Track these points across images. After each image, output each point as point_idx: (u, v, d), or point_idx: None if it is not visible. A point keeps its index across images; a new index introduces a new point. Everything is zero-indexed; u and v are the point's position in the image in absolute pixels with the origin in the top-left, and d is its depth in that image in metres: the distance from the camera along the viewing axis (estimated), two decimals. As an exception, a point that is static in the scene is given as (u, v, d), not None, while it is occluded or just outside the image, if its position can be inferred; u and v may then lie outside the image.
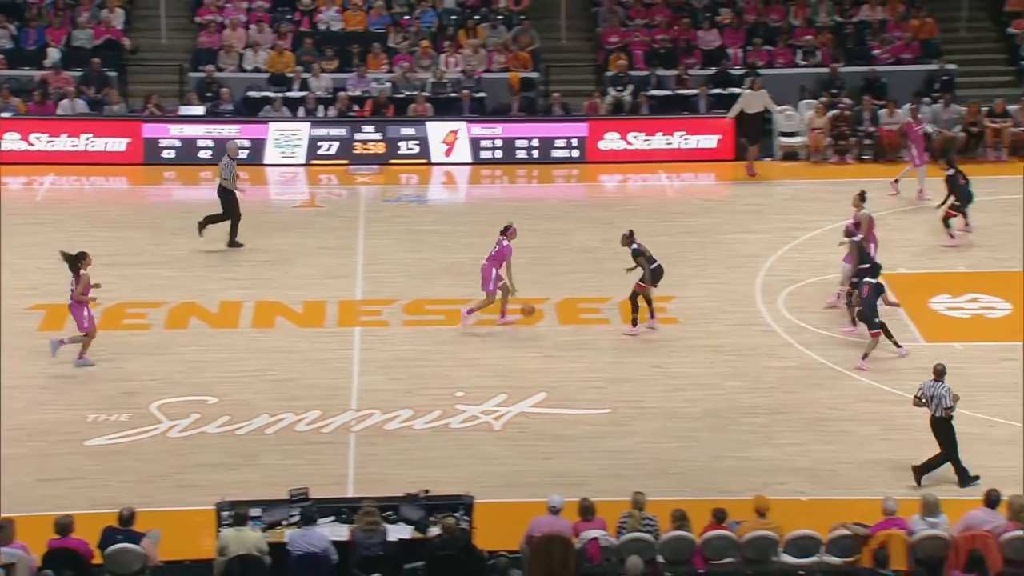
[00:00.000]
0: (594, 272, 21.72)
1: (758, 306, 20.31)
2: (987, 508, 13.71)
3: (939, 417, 15.60)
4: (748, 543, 13.70)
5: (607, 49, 28.92)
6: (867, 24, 29.05)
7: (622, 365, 18.75)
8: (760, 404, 17.62)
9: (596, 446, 16.83)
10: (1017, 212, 22.92)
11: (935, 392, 15.58)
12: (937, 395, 15.56)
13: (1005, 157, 25.75)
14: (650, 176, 26.08)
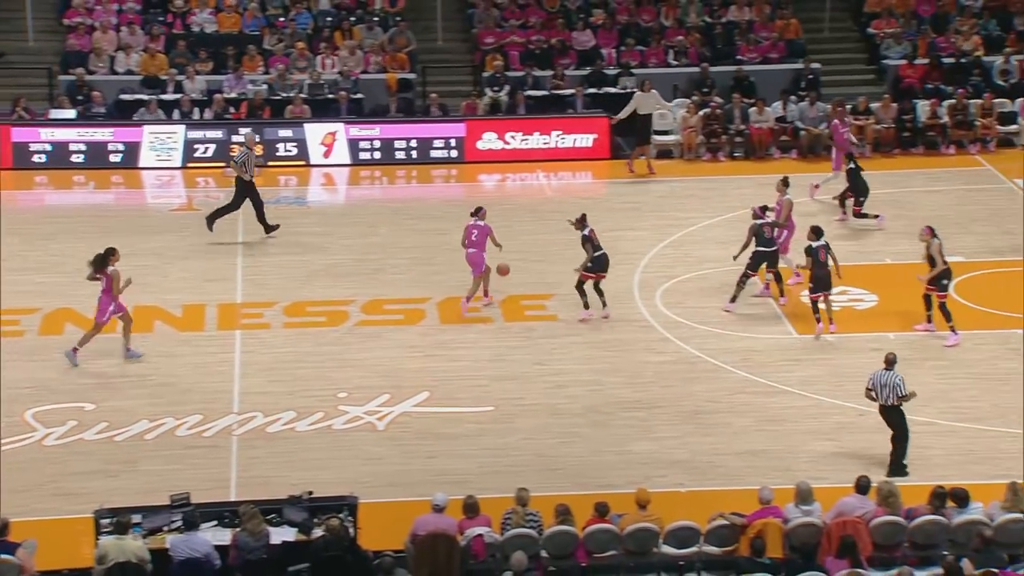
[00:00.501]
0: (474, 271, 21.70)
1: (636, 302, 20.51)
2: (858, 494, 14.01)
3: (890, 406, 15.79)
4: (630, 536, 13.84)
5: (483, 50, 28.98)
6: (735, 25, 29.53)
7: (504, 363, 18.80)
8: (639, 399, 17.80)
9: (479, 444, 16.85)
10: (881, 208, 23.45)
11: (887, 381, 15.76)
12: (889, 383, 15.73)
13: (868, 153, 26.33)
14: (528, 175, 26.19)
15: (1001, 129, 26.69)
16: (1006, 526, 13.58)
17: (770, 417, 17.26)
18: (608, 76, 28.20)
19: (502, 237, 22.42)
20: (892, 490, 13.91)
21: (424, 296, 20.76)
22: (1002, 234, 22.49)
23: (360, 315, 20.23)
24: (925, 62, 28.35)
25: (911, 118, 26.70)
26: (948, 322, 18.88)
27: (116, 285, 18.36)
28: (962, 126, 26.56)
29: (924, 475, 15.59)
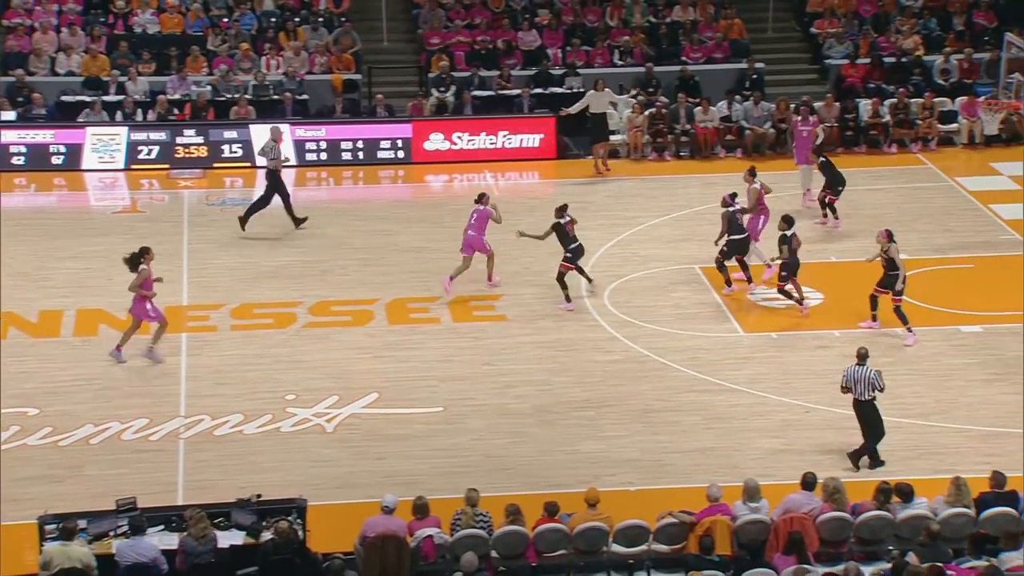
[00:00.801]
0: (423, 272, 21.69)
1: (584, 302, 20.54)
2: (804, 491, 14.11)
3: (865, 400, 15.91)
4: (579, 535, 13.86)
5: (429, 50, 28.92)
6: (680, 25, 29.67)
7: (453, 363, 18.77)
8: (588, 398, 17.84)
9: (429, 444, 16.81)
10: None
11: (860, 376, 15.88)
12: (863, 378, 15.85)
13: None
14: (475, 176, 26.17)
15: (942, 128, 26.96)
16: (950, 520, 13.73)
17: (718, 415, 17.35)
18: (554, 76, 28.25)
19: (448, 238, 22.45)
20: (838, 486, 14.02)
21: (372, 297, 20.69)
22: (944, 232, 22.74)
23: (308, 317, 20.13)
24: (867, 61, 28.62)
25: (853, 117, 26.93)
26: (905, 324, 18.98)
27: (136, 282, 18.35)
28: (903, 125, 26.83)
29: (871, 471, 15.73)
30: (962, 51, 28.50)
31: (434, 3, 29.63)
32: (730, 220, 20.23)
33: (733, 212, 20.32)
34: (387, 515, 13.74)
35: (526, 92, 27.60)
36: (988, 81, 27.19)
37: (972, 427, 16.67)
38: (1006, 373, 18.16)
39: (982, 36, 29.03)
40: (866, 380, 15.81)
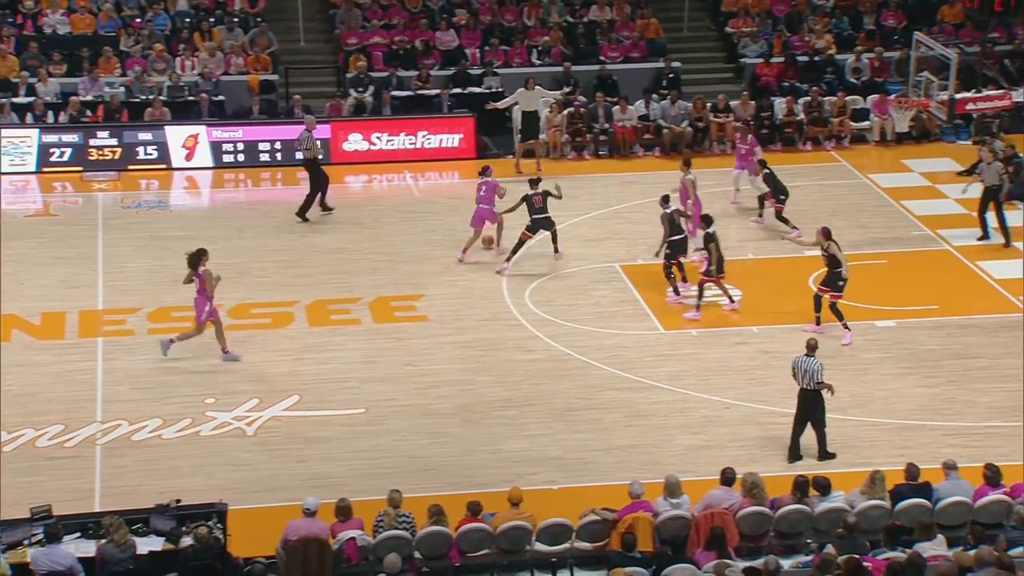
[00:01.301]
0: (343, 273, 21.59)
1: (505, 301, 20.57)
2: (724, 486, 14.24)
3: (810, 390, 16.05)
4: (502, 534, 13.87)
5: (346, 51, 28.77)
6: (597, 24, 29.80)
7: (374, 364, 18.70)
8: (510, 397, 17.86)
9: (351, 446, 16.73)
10: (744, 203, 23.88)
11: (808, 366, 16.03)
12: (810, 369, 16.01)
13: (730, 150, 26.79)
14: (395, 176, 26.08)
15: (854, 126, 27.35)
16: (866, 512, 13.93)
17: (639, 412, 17.46)
18: (472, 76, 28.25)
19: (368, 239, 22.40)
20: (756, 481, 14.15)
21: (292, 299, 20.54)
22: (858, 228, 23.06)
23: (227, 319, 19.90)
24: (781, 60, 28.96)
25: (769, 115, 27.22)
26: (841, 321, 19.21)
27: (209, 284, 18.27)
28: (817, 123, 27.18)
29: (787, 465, 15.91)
30: (873, 50, 28.95)
31: (351, 3, 29.49)
32: (670, 221, 20.34)
33: (670, 213, 20.42)
34: (309, 518, 13.65)
35: (445, 92, 27.57)
36: (898, 79, 27.62)
37: (887, 420, 16.92)
38: (919, 367, 18.47)
39: (892, 35, 29.50)
40: (811, 372, 16.02)
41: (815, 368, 16.02)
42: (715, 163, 26.33)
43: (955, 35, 28.53)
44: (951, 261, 21.89)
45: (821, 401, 16.13)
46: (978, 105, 21.51)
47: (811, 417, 16.18)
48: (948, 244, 22.43)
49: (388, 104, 27.36)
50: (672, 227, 20.34)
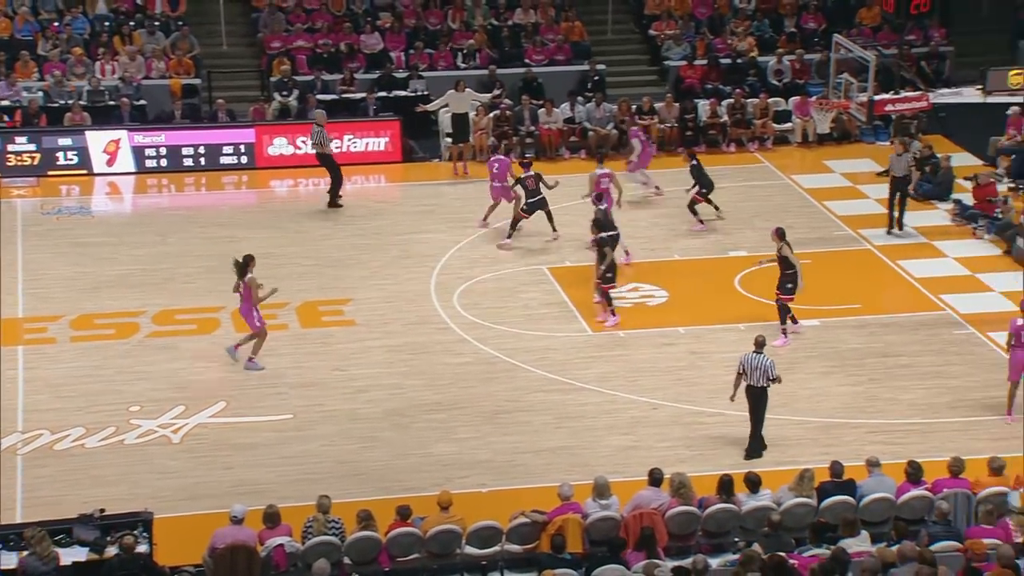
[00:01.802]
0: (269, 278, 21.26)
1: (434, 304, 20.55)
2: (652, 487, 14.32)
3: (760, 387, 16.18)
4: (432, 538, 13.85)
5: (270, 54, 28.58)
6: (521, 27, 29.87)
7: (302, 369, 18.59)
8: (439, 401, 17.84)
9: (279, 452, 16.62)
10: (669, 204, 24.06)
11: (757, 363, 16.17)
12: (761, 366, 16.15)
13: (654, 152, 26.95)
14: (321, 180, 25.93)
15: (777, 127, 27.65)
16: (792, 510, 14.08)
17: (568, 414, 17.51)
18: (398, 79, 28.18)
19: (295, 243, 22.30)
20: (683, 481, 14.25)
21: (218, 305, 20.35)
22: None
23: (151, 326, 19.72)
24: (704, 63, 29.21)
25: (693, 117, 27.44)
26: (782, 324, 19.37)
27: (255, 294, 18.12)
28: (741, 125, 27.44)
29: (716, 464, 16.05)
30: (794, 52, 29.28)
31: (274, 7, 29.30)
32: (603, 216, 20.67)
33: (604, 210, 20.70)
34: (236, 525, 13.54)
35: (370, 95, 27.47)
36: (819, 81, 27.95)
37: (812, 419, 17.12)
38: (842, 365, 18.71)
39: (812, 38, 29.87)
40: (762, 368, 16.13)
41: (768, 364, 16.19)
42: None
43: (873, 38, 28.93)
44: (873, 260, 22.21)
45: (767, 399, 16.28)
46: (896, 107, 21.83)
47: (756, 411, 16.34)
48: (870, 244, 22.75)
49: (313, 108, 27.21)
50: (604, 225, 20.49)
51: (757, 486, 14.34)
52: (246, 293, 18.34)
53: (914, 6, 21.67)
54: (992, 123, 26.13)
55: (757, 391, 16.28)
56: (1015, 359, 16.89)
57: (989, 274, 21.50)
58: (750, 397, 16.35)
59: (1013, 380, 16.99)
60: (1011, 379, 17.00)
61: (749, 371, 16.23)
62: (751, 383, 16.28)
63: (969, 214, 23.40)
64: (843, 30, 28.27)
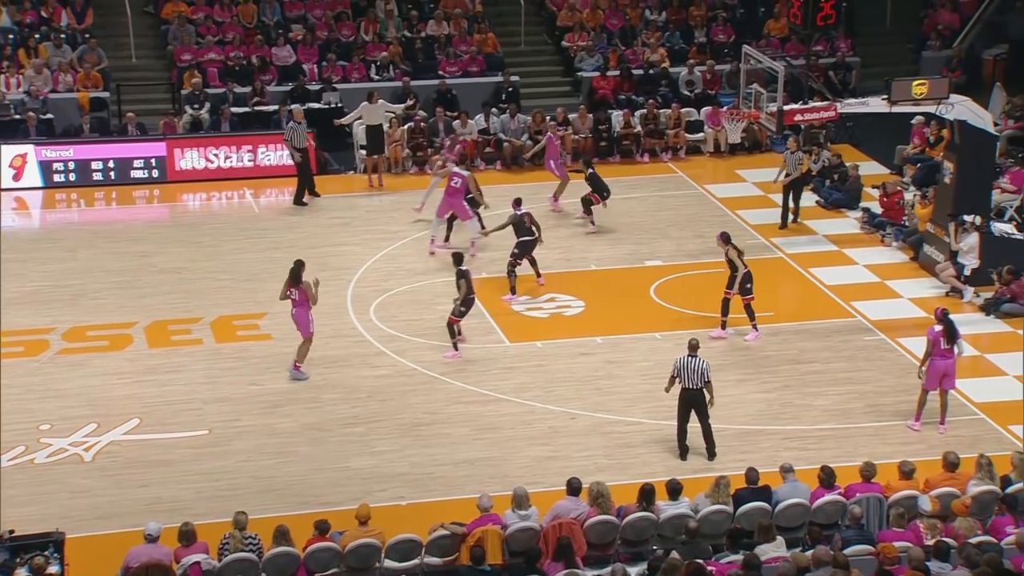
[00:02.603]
0: (183, 292, 21.21)
1: (350, 317, 20.45)
2: (571, 496, 14.37)
3: (696, 389, 16.27)
4: (351, 552, 13.77)
5: (180, 67, 28.29)
6: (435, 39, 29.88)
7: (217, 385, 18.40)
8: (357, 414, 17.75)
9: (194, 469, 16.43)
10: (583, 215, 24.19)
11: (695, 366, 16.25)
12: (699, 368, 16.24)
13: (568, 162, 27.11)
14: (234, 193, 25.73)
15: (689, 137, 27.95)
16: (709, 518, 14.21)
17: (486, 425, 17.52)
18: (311, 91, 28.03)
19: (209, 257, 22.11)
20: (601, 490, 14.30)
21: (130, 320, 20.09)
22: (696, 237, 23.54)
23: (62, 343, 19.41)
24: (616, 74, 29.44)
25: (607, 128, 27.63)
26: (752, 320, 19.63)
27: (311, 296, 18.28)
28: (654, 135, 27.69)
29: (632, 472, 16.15)
30: (704, 63, 29.63)
31: (183, 19, 29.02)
32: (517, 223, 20.78)
33: (521, 216, 20.86)
34: (151, 544, 13.36)
35: (283, 108, 27.29)
36: (730, 92, 28.32)
37: (728, 426, 17.29)
38: (757, 373, 18.92)
39: (722, 49, 30.25)
40: (698, 370, 16.26)
41: (705, 367, 16.33)
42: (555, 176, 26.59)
43: (781, 49, 29.39)
44: (785, 268, 22.52)
45: (704, 400, 16.44)
46: (805, 116, 22.15)
47: (700, 413, 16.46)
48: (782, 252, 23.06)
49: (226, 120, 26.99)
50: (520, 229, 20.71)
51: (678, 493, 14.44)
52: (302, 298, 18.31)
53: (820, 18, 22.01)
54: (898, 132, 26.63)
55: (694, 394, 16.40)
56: (933, 368, 17.13)
57: (897, 281, 21.90)
58: (687, 401, 16.45)
59: (930, 388, 17.22)
60: (928, 387, 17.21)
61: (685, 374, 16.34)
62: (687, 386, 16.39)
63: (877, 222, 23.83)
64: (752, 41, 28.64)
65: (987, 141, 21.73)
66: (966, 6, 31.78)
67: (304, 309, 18.41)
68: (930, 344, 17.08)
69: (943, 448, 15.55)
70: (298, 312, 18.45)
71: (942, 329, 17.06)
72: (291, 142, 24.81)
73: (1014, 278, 20.56)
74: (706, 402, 16.48)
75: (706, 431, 16.60)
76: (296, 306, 18.44)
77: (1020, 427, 17.33)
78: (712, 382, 16.44)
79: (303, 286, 18.41)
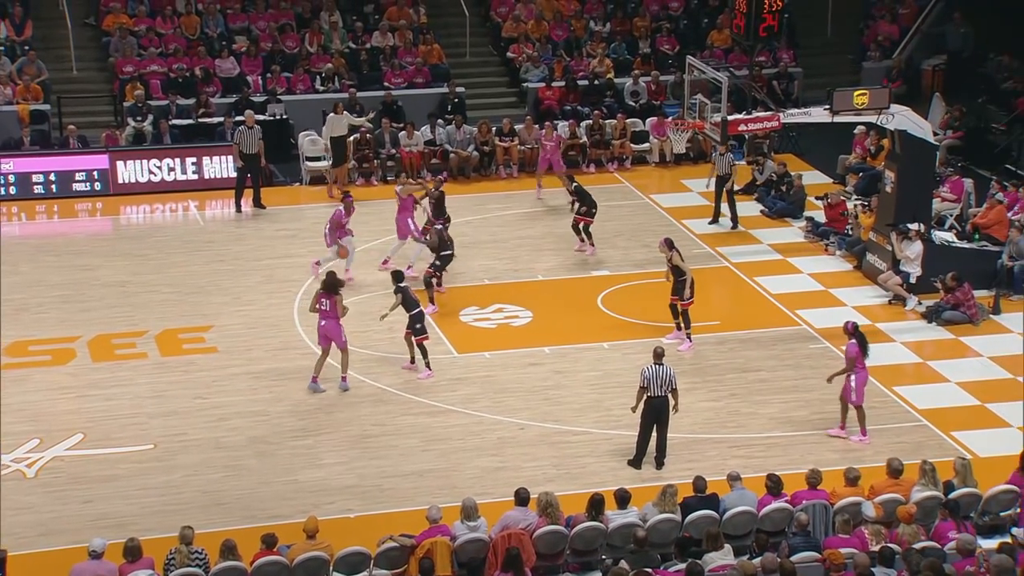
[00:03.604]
0: (127, 306, 21.05)
1: (297, 329, 20.37)
2: (520, 507, 14.38)
3: (661, 396, 16.31)
4: (299, 565, 13.70)
5: (122, 79, 28.08)
6: (379, 50, 29.86)
7: (163, 399, 18.27)
8: (304, 426, 17.68)
9: (140, 484, 16.30)
10: (531, 225, 24.26)
11: (662, 374, 16.30)
12: (666, 375, 16.30)
13: (516, 174, 27.20)
14: (179, 205, 25.56)
15: (635, 147, 28.11)
16: (657, 526, 14.27)
17: (435, 437, 17.50)
18: (255, 103, 27.91)
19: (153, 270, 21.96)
20: (550, 501, 14.32)
21: (74, 335, 19.89)
22: (642, 247, 23.66)
23: (4, 358, 19.17)
24: (562, 84, 29.56)
25: (553, 139, 27.68)
26: (686, 328, 19.76)
27: (341, 309, 18.23)
28: (599, 145, 27.83)
29: (582, 482, 16.19)
30: (649, 74, 29.81)
31: (125, 30, 28.81)
32: (440, 236, 20.82)
33: (440, 229, 20.90)
34: (96, 560, 13.24)
35: (228, 120, 27.16)
36: (675, 102, 28.51)
37: (675, 435, 17.36)
38: (704, 381, 19.03)
39: (666, 60, 30.46)
40: (666, 378, 16.33)
41: (672, 374, 16.40)
42: (503, 186, 26.71)
43: (725, 60, 29.64)
44: (731, 277, 22.69)
45: (668, 408, 16.50)
46: (749, 126, 22.36)
47: (662, 422, 16.52)
48: (727, 261, 23.24)
49: (168, 133, 26.81)
50: (442, 242, 20.82)
51: (626, 503, 14.50)
52: (332, 310, 18.22)
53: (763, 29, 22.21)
54: (840, 142, 26.94)
55: (661, 401, 16.47)
56: (861, 381, 17.16)
57: (841, 289, 22.13)
58: (653, 409, 16.48)
59: (860, 402, 17.27)
60: (859, 402, 17.25)
61: (653, 382, 16.38)
62: (653, 394, 16.45)
63: (821, 231, 24.07)
64: (696, 52, 28.88)
65: (927, 150, 22.03)
66: (905, 18, 32.24)
67: (334, 321, 18.31)
68: (851, 361, 17.13)
69: (888, 455, 15.72)
70: (328, 324, 18.34)
71: (856, 342, 17.16)
72: (239, 146, 24.74)
73: (958, 285, 20.82)
74: (670, 410, 16.55)
75: (662, 440, 16.68)
76: (326, 318, 18.33)
77: (962, 433, 17.57)
78: (678, 389, 16.52)
79: (336, 298, 18.31)
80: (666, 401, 16.51)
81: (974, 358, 19.84)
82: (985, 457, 16.75)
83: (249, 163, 24.97)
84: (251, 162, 24.98)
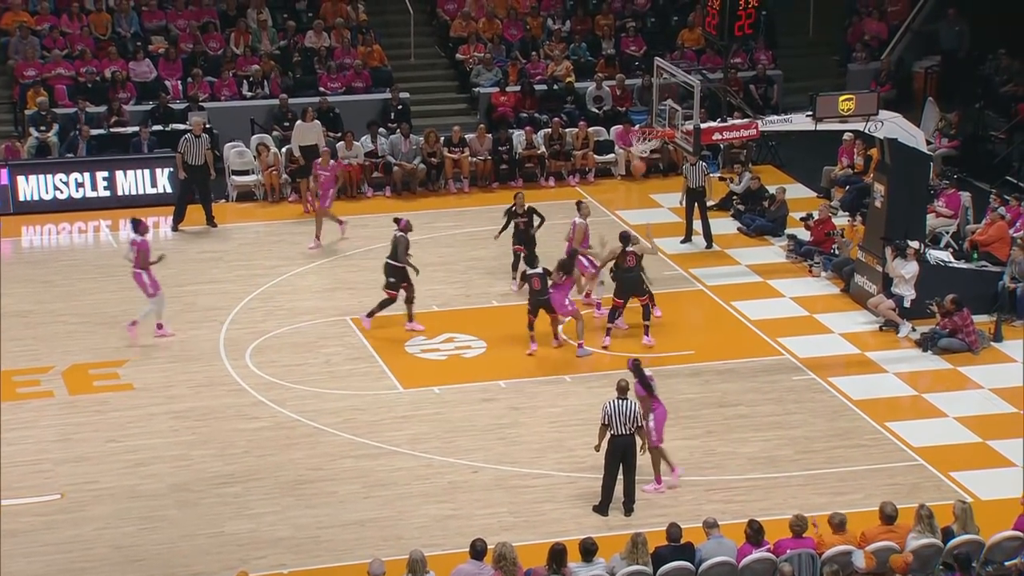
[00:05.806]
0: (29, 339, 20.95)
1: (223, 363, 20.33)
2: (474, 560, 14.38)
3: (627, 435, 16.32)
4: (229, 628, 13.65)
5: (23, 84, 27.97)
6: (314, 51, 29.90)
7: (71, 443, 18.18)
8: (232, 472, 17.64)
9: (44, 539, 16.21)
10: (484, 246, 24.31)
11: (625, 409, 16.30)
12: (630, 412, 16.31)
13: (467, 188, 27.27)
14: (88, 225, 25.45)
15: (598, 159, 28.26)
16: (629, 579, 14.32)
17: (378, 481, 17.51)
18: (175, 111, 27.86)
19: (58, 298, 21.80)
20: (504, 552, 14.27)
21: (-31, 371, 19.79)
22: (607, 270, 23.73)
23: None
24: (517, 89, 29.69)
25: (508, 149, 27.80)
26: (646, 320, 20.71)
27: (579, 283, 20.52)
28: (559, 156, 27.96)
29: (542, 531, 16.22)
30: (614, 78, 30.01)
31: (26, 30, 28.69)
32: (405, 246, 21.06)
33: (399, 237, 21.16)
34: (-1, 626, 13.14)
35: (144, 130, 27.09)
36: (642, 108, 28.71)
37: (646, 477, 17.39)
38: (676, 418, 18.88)
39: (632, 62, 30.68)
40: (630, 414, 16.34)
41: (636, 410, 16.44)
42: (452, 203, 26.77)
43: (697, 62, 29.94)
44: (706, 302, 22.84)
45: (635, 447, 16.55)
46: (724, 135, 22.51)
47: (628, 463, 16.54)
48: (702, 284, 23.40)
49: (78, 143, 26.70)
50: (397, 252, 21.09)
51: (592, 554, 14.52)
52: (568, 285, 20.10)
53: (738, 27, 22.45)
54: (824, 152, 27.16)
55: (626, 440, 16.47)
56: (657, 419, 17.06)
57: (828, 314, 22.32)
58: (619, 448, 16.46)
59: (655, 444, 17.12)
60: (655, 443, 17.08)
61: (616, 419, 16.38)
62: (617, 432, 16.45)
63: (804, 250, 24.21)
64: (665, 53, 29.13)
65: (920, 161, 22.25)
66: (894, 14, 32.60)
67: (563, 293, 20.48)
68: (644, 403, 16.99)
69: (880, 498, 15.84)
70: (557, 295, 20.41)
71: (639, 382, 17.15)
72: (183, 155, 24.82)
73: (957, 308, 20.98)
74: (636, 450, 16.62)
75: (629, 484, 16.73)
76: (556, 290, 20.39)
77: (962, 473, 17.75)
78: (644, 427, 16.59)
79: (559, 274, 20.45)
80: (632, 440, 16.55)
81: (974, 390, 20.07)
82: (987, 500, 16.93)
83: (195, 175, 24.91)
84: (197, 174, 24.91)
